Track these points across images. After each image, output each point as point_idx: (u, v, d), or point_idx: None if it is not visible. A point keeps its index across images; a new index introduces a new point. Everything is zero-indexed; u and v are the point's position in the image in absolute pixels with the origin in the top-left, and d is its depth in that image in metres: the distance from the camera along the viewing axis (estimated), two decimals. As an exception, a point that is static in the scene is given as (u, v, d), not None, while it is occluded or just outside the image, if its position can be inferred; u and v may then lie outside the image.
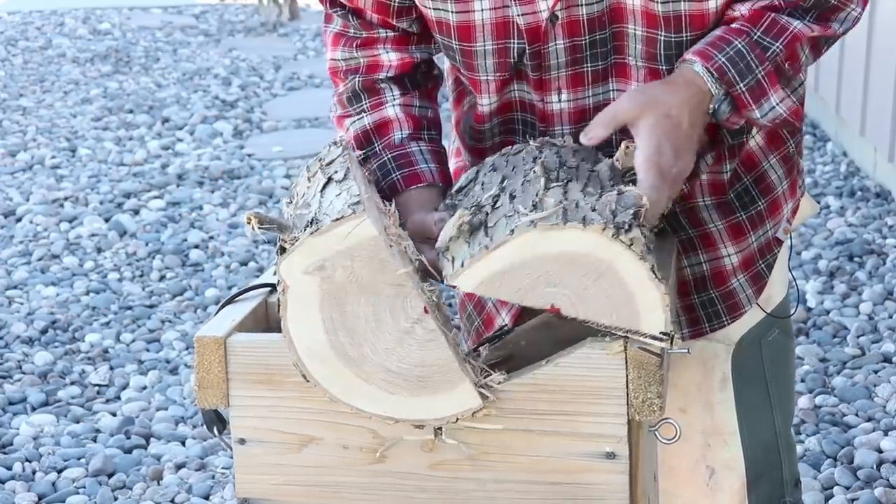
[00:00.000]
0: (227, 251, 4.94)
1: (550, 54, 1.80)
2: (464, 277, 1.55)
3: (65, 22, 9.54)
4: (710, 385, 1.98)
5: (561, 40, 1.78)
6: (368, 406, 1.55)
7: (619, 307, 1.52)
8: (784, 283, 2.02)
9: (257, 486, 1.66)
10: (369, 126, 1.91)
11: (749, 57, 1.71)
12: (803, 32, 1.74)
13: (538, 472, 1.59)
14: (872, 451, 3.36)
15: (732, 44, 1.71)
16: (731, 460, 2.00)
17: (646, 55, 1.77)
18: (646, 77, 1.78)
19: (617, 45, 1.78)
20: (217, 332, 1.62)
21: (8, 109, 7.11)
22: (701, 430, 1.99)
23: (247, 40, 8.90)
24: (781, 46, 1.72)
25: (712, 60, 1.70)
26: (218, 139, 6.45)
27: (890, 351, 3.90)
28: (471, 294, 2.04)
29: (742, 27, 1.73)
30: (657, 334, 1.51)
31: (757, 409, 2.00)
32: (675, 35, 1.75)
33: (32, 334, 4.26)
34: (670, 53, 1.76)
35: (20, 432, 3.65)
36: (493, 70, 1.83)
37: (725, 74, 1.70)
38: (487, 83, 1.85)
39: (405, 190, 1.84)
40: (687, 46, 1.75)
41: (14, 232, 5.21)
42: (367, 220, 1.48)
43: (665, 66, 1.77)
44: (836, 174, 5.48)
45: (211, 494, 3.32)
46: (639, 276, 1.50)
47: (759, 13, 1.74)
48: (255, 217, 1.51)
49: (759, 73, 1.71)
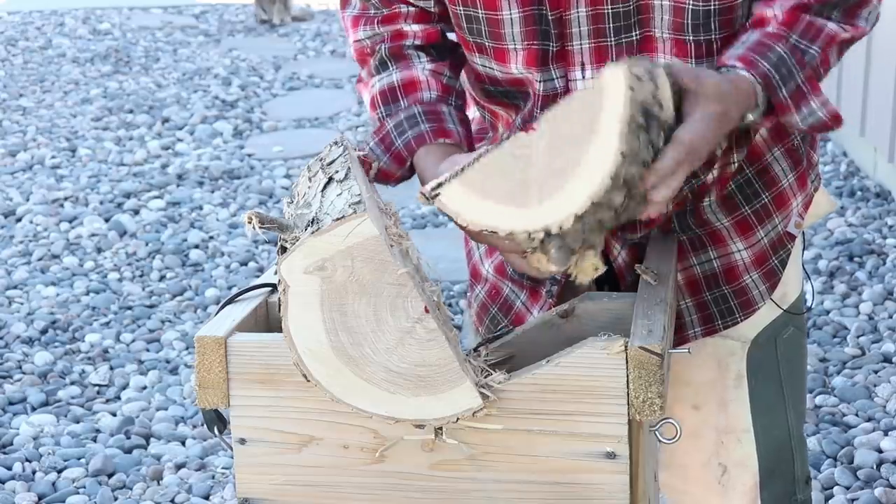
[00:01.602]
0: (227, 251, 4.94)
1: (572, 22, 1.78)
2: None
3: (65, 22, 9.54)
4: (725, 383, 1.98)
5: (584, 7, 1.76)
6: (369, 406, 1.55)
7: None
8: (799, 279, 2.02)
9: (257, 486, 1.66)
10: (397, 82, 1.89)
11: (790, 62, 1.71)
12: (838, 34, 1.74)
13: (538, 472, 1.59)
14: (872, 451, 3.36)
15: (774, 49, 1.71)
16: (745, 458, 2.00)
17: (673, 26, 1.76)
18: (672, 49, 1.77)
19: (642, 18, 1.77)
20: (217, 332, 1.62)
21: (8, 109, 7.11)
22: (714, 428, 1.99)
23: (247, 40, 8.90)
24: (818, 49, 1.73)
25: (756, 67, 1.69)
26: (218, 139, 6.46)
27: (890, 351, 3.91)
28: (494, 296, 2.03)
29: (780, 31, 1.73)
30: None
31: (771, 406, 2.00)
32: (703, 4, 1.74)
33: (32, 334, 4.26)
34: (697, 23, 1.75)
35: (20, 432, 3.65)
36: (521, 38, 1.80)
37: (770, 81, 1.70)
38: (516, 52, 1.82)
39: (433, 142, 1.83)
40: (715, 16, 1.74)
41: (14, 232, 5.21)
42: (367, 219, 1.48)
43: (692, 35, 1.76)
44: (836, 174, 5.48)
45: (211, 494, 3.32)
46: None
47: (793, 16, 1.73)
48: (256, 217, 1.51)
49: (800, 77, 1.71)
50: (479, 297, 2.06)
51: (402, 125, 1.85)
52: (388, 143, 1.85)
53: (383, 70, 1.91)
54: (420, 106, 1.86)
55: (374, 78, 1.92)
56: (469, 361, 1.56)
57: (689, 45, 1.77)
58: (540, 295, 1.97)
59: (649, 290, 1.72)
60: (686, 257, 1.91)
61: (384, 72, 1.91)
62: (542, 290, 1.97)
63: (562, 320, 1.77)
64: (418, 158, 1.83)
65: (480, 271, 2.06)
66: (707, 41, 1.77)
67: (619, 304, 1.75)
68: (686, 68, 1.65)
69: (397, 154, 1.85)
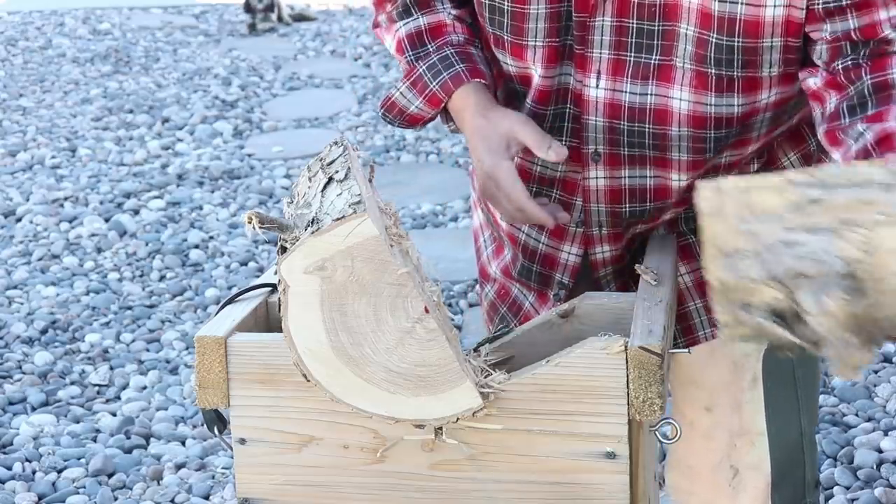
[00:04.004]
0: (227, 251, 4.94)
1: (595, 29, 1.77)
2: None
3: (65, 22, 9.54)
4: (740, 385, 1.97)
5: (609, 17, 1.76)
6: (369, 406, 1.55)
7: None
8: None
9: (257, 486, 1.66)
10: (424, 26, 1.89)
11: None
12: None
13: (538, 472, 1.59)
14: (872, 451, 3.36)
15: None
16: (758, 461, 1.99)
17: (695, 57, 1.74)
18: (692, 80, 1.76)
19: (665, 44, 1.75)
20: (217, 332, 1.63)
21: (8, 109, 7.11)
22: (728, 430, 1.98)
23: (247, 40, 8.90)
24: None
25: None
26: (218, 139, 6.45)
27: (890, 351, 3.91)
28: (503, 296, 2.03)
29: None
30: None
31: (785, 409, 2.00)
32: (728, 38, 1.72)
33: (32, 334, 4.26)
34: (720, 57, 1.73)
35: (20, 432, 3.65)
36: (544, 35, 1.80)
37: None
38: (534, 49, 1.82)
39: (469, 81, 1.83)
40: (739, 53, 1.72)
41: (14, 232, 5.21)
42: (368, 219, 1.48)
43: (714, 69, 1.74)
44: (836, 174, 5.48)
45: (211, 494, 3.32)
46: None
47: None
48: (256, 217, 1.51)
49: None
50: (488, 296, 2.06)
51: (437, 66, 1.85)
52: (422, 87, 1.86)
53: (407, 16, 1.91)
54: (452, 48, 1.86)
55: (399, 23, 1.91)
56: (469, 361, 1.56)
57: (711, 79, 1.75)
58: (548, 297, 1.97)
59: (649, 290, 1.72)
60: (695, 258, 1.90)
61: (409, 17, 1.91)
62: (549, 293, 1.97)
63: (562, 320, 1.77)
64: (456, 98, 1.84)
65: (488, 271, 2.06)
66: (729, 77, 1.75)
67: (619, 304, 1.75)
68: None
69: (433, 96, 1.85)
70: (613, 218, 1.88)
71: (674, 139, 1.80)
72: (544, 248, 1.94)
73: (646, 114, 1.79)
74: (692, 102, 1.76)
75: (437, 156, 6.00)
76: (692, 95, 1.76)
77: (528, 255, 1.96)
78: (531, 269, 1.97)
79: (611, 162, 1.84)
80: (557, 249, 1.93)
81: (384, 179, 5.57)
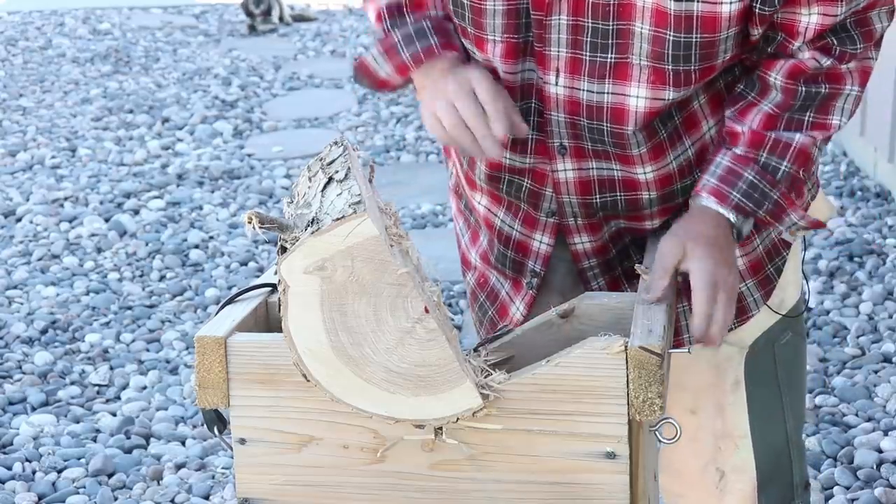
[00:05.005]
0: (227, 251, 4.94)
1: (552, 27, 1.78)
2: None
3: (65, 22, 9.54)
4: (723, 388, 1.98)
5: (565, 16, 1.77)
6: (369, 406, 1.55)
7: None
8: (798, 284, 2.02)
9: (257, 486, 1.66)
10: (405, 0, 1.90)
11: (762, 185, 1.75)
12: (806, 144, 1.78)
13: (538, 472, 1.59)
14: (872, 451, 3.36)
15: (743, 176, 1.75)
16: (742, 463, 2.00)
17: (652, 55, 1.76)
18: (650, 77, 1.77)
19: (620, 42, 1.76)
20: (217, 332, 1.62)
21: (8, 109, 7.11)
22: (712, 433, 1.99)
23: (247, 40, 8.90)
24: (789, 165, 1.77)
25: (728, 199, 1.75)
26: (218, 139, 6.45)
27: (890, 351, 3.90)
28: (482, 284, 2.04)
29: (748, 153, 1.77)
30: None
31: (769, 412, 2.00)
32: (686, 35, 1.74)
33: (32, 334, 4.26)
34: (678, 54, 1.75)
35: (20, 432, 3.65)
36: (502, 31, 1.81)
37: (743, 209, 1.75)
38: (494, 44, 1.83)
39: (440, 55, 1.85)
40: (696, 48, 1.74)
41: (14, 232, 5.21)
42: (367, 219, 1.48)
43: (671, 66, 1.76)
44: (836, 174, 5.48)
45: (211, 494, 3.32)
46: None
47: (760, 135, 1.77)
48: (256, 216, 1.51)
49: (775, 195, 1.76)
50: (469, 284, 2.08)
51: (411, 37, 1.86)
52: (394, 54, 1.86)
53: None
54: (429, 21, 1.87)
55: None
56: (469, 361, 1.56)
57: (668, 74, 1.77)
58: (521, 286, 1.98)
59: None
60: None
61: None
62: (523, 280, 1.98)
63: (562, 320, 1.77)
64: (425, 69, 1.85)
65: (469, 258, 2.08)
66: (686, 71, 1.77)
67: (619, 304, 1.75)
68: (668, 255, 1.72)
69: (401, 65, 1.86)
70: (586, 209, 1.90)
71: (630, 137, 1.82)
72: (517, 234, 1.96)
73: (603, 112, 1.81)
74: (649, 99, 1.79)
75: (437, 156, 5.99)
76: (650, 92, 1.79)
77: (503, 241, 1.99)
78: (506, 255, 1.99)
79: (577, 154, 1.87)
80: (529, 237, 1.95)
81: (384, 179, 5.57)
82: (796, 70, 1.78)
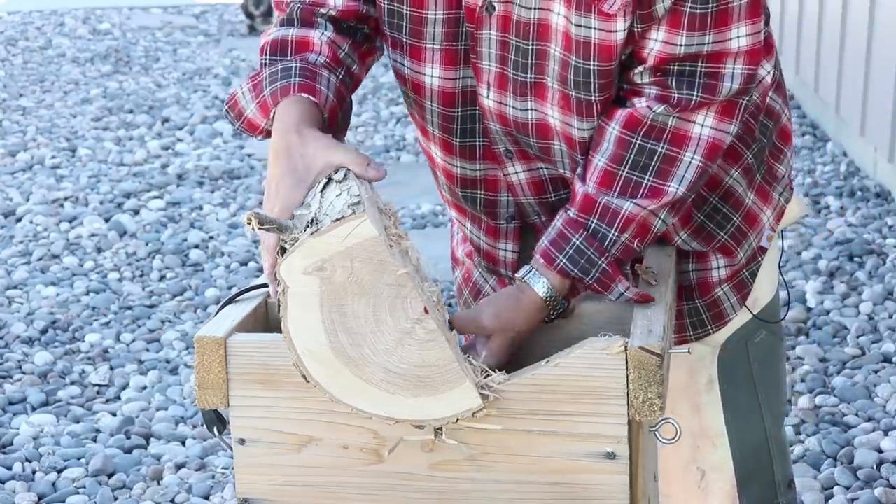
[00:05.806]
0: (227, 251, 4.94)
1: (483, 41, 1.78)
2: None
3: (65, 22, 9.54)
4: (697, 387, 1.98)
5: (495, 31, 1.77)
6: (368, 407, 1.55)
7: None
8: (772, 284, 2.01)
9: (257, 486, 1.66)
10: (291, 38, 1.80)
11: (589, 252, 1.71)
12: (635, 214, 1.72)
13: (538, 472, 1.59)
14: (872, 451, 3.36)
15: (571, 241, 1.72)
16: (720, 462, 2.00)
17: (560, 78, 1.75)
18: (559, 101, 1.77)
19: (538, 63, 1.76)
20: (217, 332, 1.62)
21: (8, 109, 7.11)
22: (689, 433, 1.99)
23: (247, 40, 8.90)
24: (617, 234, 1.72)
25: (554, 262, 1.71)
26: (218, 139, 6.45)
27: (890, 351, 3.90)
28: (467, 280, 2.05)
29: (579, 218, 1.73)
30: None
31: (745, 410, 2.00)
32: (584, 62, 1.72)
33: (32, 334, 4.26)
34: (578, 80, 1.73)
35: (20, 432, 3.65)
36: (441, 39, 1.80)
37: (568, 275, 1.71)
38: (433, 52, 1.82)
39: (294, 94, 1.72)
40: (594, 77, 1.72)
41: (14, 232, 5.21)
42: (367, 220, 1.48)
43: (574, 92, 1.75)
44: (835, 174, 5.48)
45: (211, 494, 3.32)
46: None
47: (591, 200, 1.73)
48: (255, 217, 1.51)
49: (602, 264, 1.71)
50: (457, 280, 2.09)
51: (276, 75, 1.76)
52: (259, 91, 1.77)
53: (286, 25, 1.83)
54: (301, 63, 1.77)
55: (275, 29, 1.84)
56: (469, 362, 1.56)
57: (573, 101, 1.76)
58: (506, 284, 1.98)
59: (649, 291, 1.72)
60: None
61: (286, 27, 1.83)
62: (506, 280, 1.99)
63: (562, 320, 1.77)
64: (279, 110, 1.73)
65: (457, 255, 2.09)
66: (587, 101, 1.75)
67: (619, 304, 1.75)
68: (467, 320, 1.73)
69: (263, 103, 1.75)
70: (544, 207, 1.90)
71: (557, 153, 1.82)
72: (484, 245, 1.97)
73: (528, 128, 1.81)
74: (562, 122, 1.78)
75: (437, 156, 6.00)
76: (561, 115, 1.78)
77: (476, 250, 2.00)
78: (483, 263, 2.00)
79: (523, 157, 1.86)
80: (494, 248, 1.96)
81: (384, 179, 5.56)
82: (633, 120, 1.72)
